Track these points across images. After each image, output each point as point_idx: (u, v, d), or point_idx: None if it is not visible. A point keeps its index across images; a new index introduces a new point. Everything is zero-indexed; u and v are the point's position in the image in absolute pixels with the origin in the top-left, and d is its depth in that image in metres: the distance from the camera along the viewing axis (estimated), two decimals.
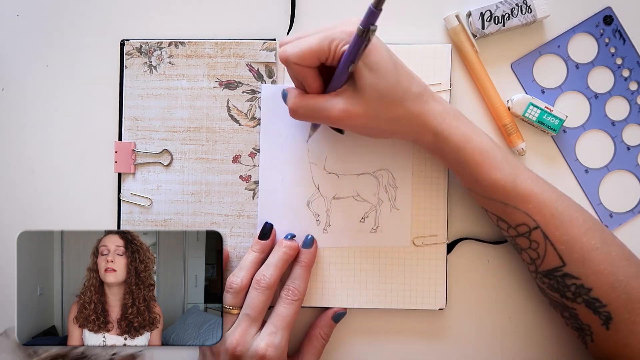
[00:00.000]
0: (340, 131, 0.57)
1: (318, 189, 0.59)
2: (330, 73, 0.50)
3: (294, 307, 0.55)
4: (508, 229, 0.53)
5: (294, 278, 0.56)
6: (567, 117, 0.58)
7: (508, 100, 0.59)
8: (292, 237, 0.57)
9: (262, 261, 0.56)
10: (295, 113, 0.52)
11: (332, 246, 0.59)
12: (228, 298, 0.55)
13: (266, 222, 0.58)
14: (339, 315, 0.59)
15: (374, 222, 0.59)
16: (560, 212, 0.51)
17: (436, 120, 0.51)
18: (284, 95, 0.54)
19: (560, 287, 0.52)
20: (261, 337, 0.53)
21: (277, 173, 0.59)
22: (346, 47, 0.47)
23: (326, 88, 0.52)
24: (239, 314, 0.54)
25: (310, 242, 0.57)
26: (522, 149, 0.59)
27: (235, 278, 0.55)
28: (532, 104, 0.58)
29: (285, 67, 0.51)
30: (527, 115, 0.58)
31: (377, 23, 0.45)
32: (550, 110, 0.58)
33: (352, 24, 0.48)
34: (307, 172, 0.59)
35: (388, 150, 0.59)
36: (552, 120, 0.58)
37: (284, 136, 0.59)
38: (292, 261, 0.57)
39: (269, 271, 0.55)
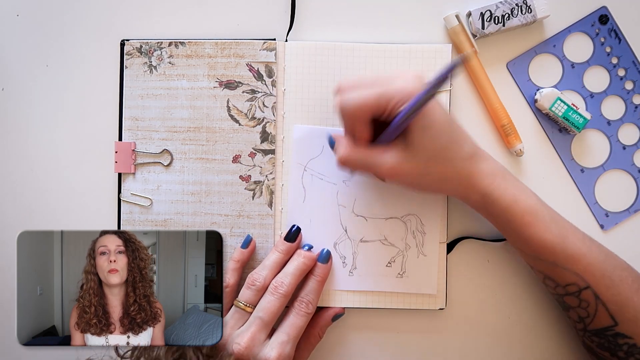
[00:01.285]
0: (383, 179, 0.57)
1: (345, 231, 0.59)
2: (380, 123, 0.51)
3: (306, 319, 0.55)
4: (556, 287, 0.54)
5: (308, 291, 0.56)
6: (591, 117, 0.59)
7: (536, 92, 0.60)
8: (310, 248, 0.58)
9: (284, 262, 0.56)
10: (344, 164, 0.53)
11: (357, 289, 0.59)
12: (247, 294, 0.55)
13: (294, 225, 0.58)
14: (338, 316, 0.59)
15: (400, 268, 0.59)
16: (610, 272, 0.51)
17: (485, 182, 0.51)
18: (331, 142, 0.54)
19: (611, 347, 0.52)
20: (272, 345, 0.52)
21: (306, 213, 0.59)
22: (403, 106, 0.48)
23: (375, 138, 0.52)
24: (251, 313, 0.54)
25: (326, 256, 0.58)
26: (520, 149, 0.59)
27: (259, 276, 0.55)
28: (560, 99, 0.58)
29: (338, 114, 0.51)
30: (553, 109, 0.58)
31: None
32: (576, 108, 0.58)
33: (411, 82, 0.49)
34: (335, 214, 0.59)
35: (417, 196, 0.59)
36: (577, 118, 0.58)
37: (313, 177, 0.59)
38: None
39: (287, 279, 0.55)
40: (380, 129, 0.51)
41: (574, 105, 0.58)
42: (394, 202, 0.58)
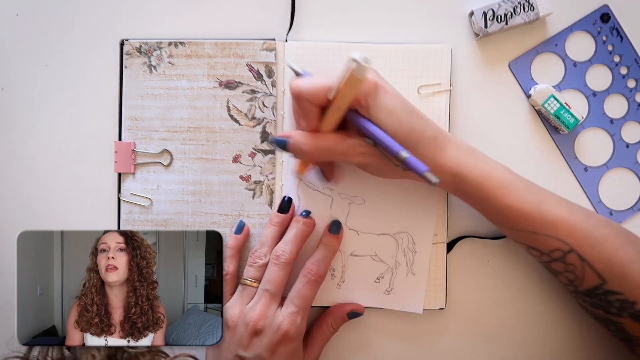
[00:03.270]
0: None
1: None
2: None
3: (315, 288, 0.55)
4: (541, 255, 0.53)
5: (317, 259, 0.55)
6: (583, 117, 0.59)
7: (530, 88, 0.60)
8: (308, 213, 0.57)
9: (281, 235, 0.56)
10: (311, 155, 0.51)
11: (344, 302, 0.59)
12: (251, 272, 0.55)
13: (285, 196, 0.57)
14: (355, 314, 0.58)
15: (388, 284, 0.59)
16: (592, 232, 0.51)
17: (452, 162, 0.51)
18: (281, 141, 0.51)
19: (603, 304, 0.52)
20: (283, 314, 0.53)
21: None
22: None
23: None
24: (257, 287, 0.54)
25: (337, 227, 0.57)
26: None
27: (259, 253, 0.55)
28: (554, 96, 0.58)
29: (293, 101, 0.51)
30: (545, 106, 0.58)
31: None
32: (568, 107, 0.58)
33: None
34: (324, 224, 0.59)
35: (411, 214, 0.59)
36: (569, 117, 0.58)
37: (308, 187, 0.59)
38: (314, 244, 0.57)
39: (287, 247, 0.55)
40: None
41: (566, 104, 0.58)
42: (387, 218, 0.58)
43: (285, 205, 0.57)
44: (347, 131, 0.51)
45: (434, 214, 0.59)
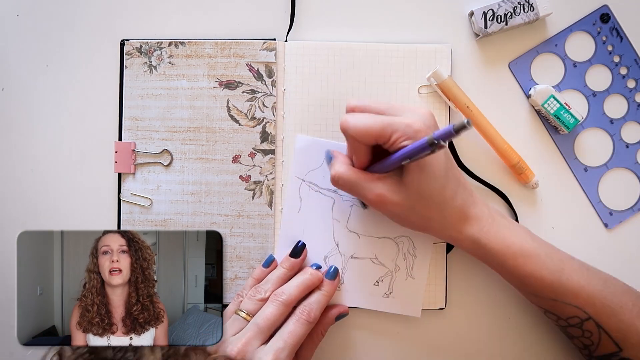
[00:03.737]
0: (364, 205, 0.58)
1: (337, 245, 0.59)
2: (381, 150, 0.51)
3: (306, 328, 0.54)
4: (558, 320, 0.54)
5: (312, 302, 0.55)
6: (583, 118, 0.59)
7: (530, 89, 0.60)
8: (318, 267, 0.57)
9: (289, 278, 0.56)
10: (335, 181, 0.52)
11: (343, 304, 0.59)
12: (248, 304, 0.54)
13: (299, 241, 0.58)
14: (342, 316, 0.58)
15: (387, 287, 0.59)
16: (610, 301, 0.51)
17: (474, 228, 0.52)
18: (329, 158, 0.55)
19: None
20: (266, 350, 0.51)
21: (300, 223, 0.59)
22: (406, 142, 0.48)
23: (372, 164, 0.52)
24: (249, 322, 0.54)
25: (334, 273, 0.57)
26: (536, 183, 0.59)
27: (261, 289, 0.55)
28: (553, 97, 0.58)
29: (343, 133, 0.51)
30: (545, 106, 0.58)
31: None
32: (568, 107, 0.58)
33: (420, 120, 0.49)
34: (328, 227, 0.59)
35: None
36: (568, 117, 0.58)
37: (311, 188, 0.59)
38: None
39: (289, 289, 0.54)
40: (381, 155, 0.51)
41: (566, 104, 0.58)
42: (388, 222, 0.58)
43: (299, 251, 0.57)
44: (383, 176, 0.52)
45: None
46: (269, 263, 0.58)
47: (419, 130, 0.48)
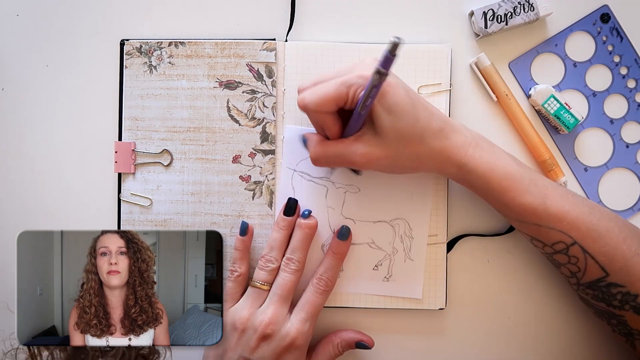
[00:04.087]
0: (357, 172, 0.58)
1: (333, 231, 0.59)
2: (349, 115, 0.51)
3: (324, 296, 0.56)
4: (544, 247, 0.53)
5: (326, 268, 0.56)
6: (583, 117, 0.59)
7: (530, 88, 0.60)
8: (309, 213, 0.57)
9: (289, 237, 0.57)
10: (317, 161, 0.53)
11: (344, 291, 0.59)
12: (262, 275, 0.55)
13: (290, 198, 0.57)
14: (363, 345, 0.58)
15: (387, 271, 0.59)
16: (595, 225, 0.51)
17: (459, 153, 0.51)
18: (304, 141, 0.55)
19: (605, 297, 0.52)
20: (292, 321, 0.54)
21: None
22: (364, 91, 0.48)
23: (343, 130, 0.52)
24: (269, 290, 0.55)
25: (346, 233, 0.57)
26: (564, 183, 0.59)
27: (270, 257, 0.56)
28: (554, 96, 0.58)
29: (305, 113, 0.51)
30: (545, 106, 0.58)
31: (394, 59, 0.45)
32: (568, 107, 0.58)
33: (368, 67, 0.48)
34: (324, 216, 0.59)
35: (406, 200, 0.59)
36: (569, 117, 0.58)
37: (303, 178, 0.59)
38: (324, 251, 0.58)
39: (296, 254, 0.55)
40: (349, 119, 0.51)
41: (567, 104, 0.58)
42: (383, 205, 0.58)
43: (292, 207, 0.57)
44: (358, 135, 0.52)
45: (430, 199, 0.59)
46: (245, 230, 0.58)
47: (367, 72, 0.48)
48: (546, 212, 0.51)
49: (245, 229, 0.57)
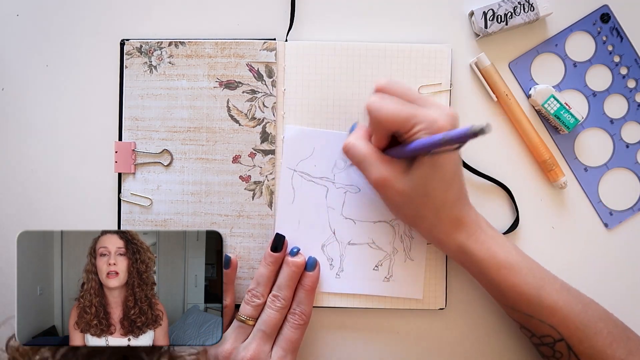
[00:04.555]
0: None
1: (334, 233, 0.59)
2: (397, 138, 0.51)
3: (301, 330, 0.56)
4: (532, 337, 0.54)
5: (299, 302, 0.56)
6: (583, 117, 0.59)
7: (530, 88, 0.60)
8: (297, 251, 0.57)
9: (276, 273, 0.57)
10: (347, 150, 0.54)
11: (344, 292, 0.59)
12: (248, 310, 0.56)
13: (277, 234, 0.58)
14: None
15: (387, 271, 0.59)
16: (585, 325, 0.51)
17: (462, 234, 0.52)
18: (352, 128, 0.56)
19: None
20: (272, 359, 0.54)
21: (295, 214, 0.59)
22: (425, 136, 0.48)
23: (388, 147, 0.53)
24: (253, 325, 0.55)
25: (313, 264, 0.57)
26: (564, 183, 0.59)
27: (257, 292, 0.56)
28: (554, 96, 0.58)
29: (367, 113, 0.52)
30: (545, 106, 0.58)
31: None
32: (569, 107, 0.58)
33: (445, 118, 0.49)
34: (324, 216, 0.59)
35: None
36: (569, 117, 0.58)
37: (303, 178, 0.59)
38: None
39: (282, 292, 0.55)
40: (396, 142, 0.52)
41: (567, 104, 0.58)
42: (383, 205, 0.58)
43: (279, 244, 0.57)
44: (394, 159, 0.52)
45: None
46: (228, 263, 0.58)
47: (442, 127, 0.48)
48: (539, 305, 0.51)
49: (228, 262, 0.58)
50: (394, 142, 0.52)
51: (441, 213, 0.51)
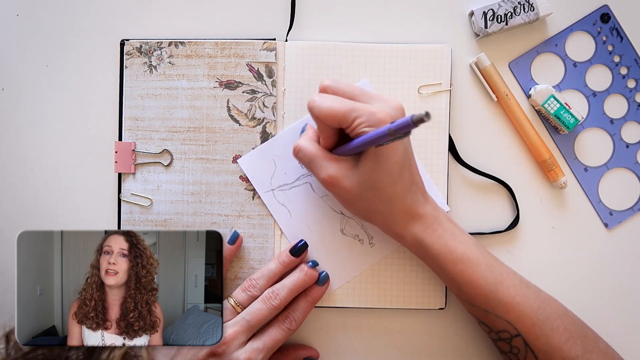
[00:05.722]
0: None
1: (342, 213, 0.59)
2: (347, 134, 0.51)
3: (287, 335, 0.55)
4: (490, 332, 0.54)
5: (296, 309, 0.56)
6: (583, 117, 0.59)
7: (530, 89, 0.60)
8: (315, 265, 0.57)
9: (283, 274, 0.56)
10: (295, 153, 0.53)
11: (382, 256, 0.59)
12: (241, 296, 0.55)
13: (301, 240, 0.57)
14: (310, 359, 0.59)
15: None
16: (541, 322, 0.51)
17: (418, 229, 0.52)
18: (303, 129, 0.57)
19: None
20: (245, 348, 0.53)
21: (300, 224, 0.59)
22: (367, 129, 0.48)
23: (337, 146, 0.52)
24: (239, 313, 0.55)
25: (324, 279, 0.57)
26: (564, 183, 0.59)
27: (256, 283, 0.55)
28: (554, 96, 0.58)
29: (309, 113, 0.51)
30: (545, 106, 0.58)
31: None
32: (569, 107, 0.58)
33: (385, 110, 0.48)
34: (323, 206, 0.59)
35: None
36: (569, 117, 0.58)
37: (284, 190, 0.59)
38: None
39: (282, 292, 0.55)
40: (348, 139, 0.51)
41: (567, 104, 0.58)
42: None
43: (299, 250, 0.57)
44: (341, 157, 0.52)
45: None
46: (234, 240, 0.58)
47: (382, 119, 0.47)
48: (496, 300, 0.51)
49: (235, 239, 0.58)
50: (345, 141, 0.52)
51: (393, 206, 0.51)
